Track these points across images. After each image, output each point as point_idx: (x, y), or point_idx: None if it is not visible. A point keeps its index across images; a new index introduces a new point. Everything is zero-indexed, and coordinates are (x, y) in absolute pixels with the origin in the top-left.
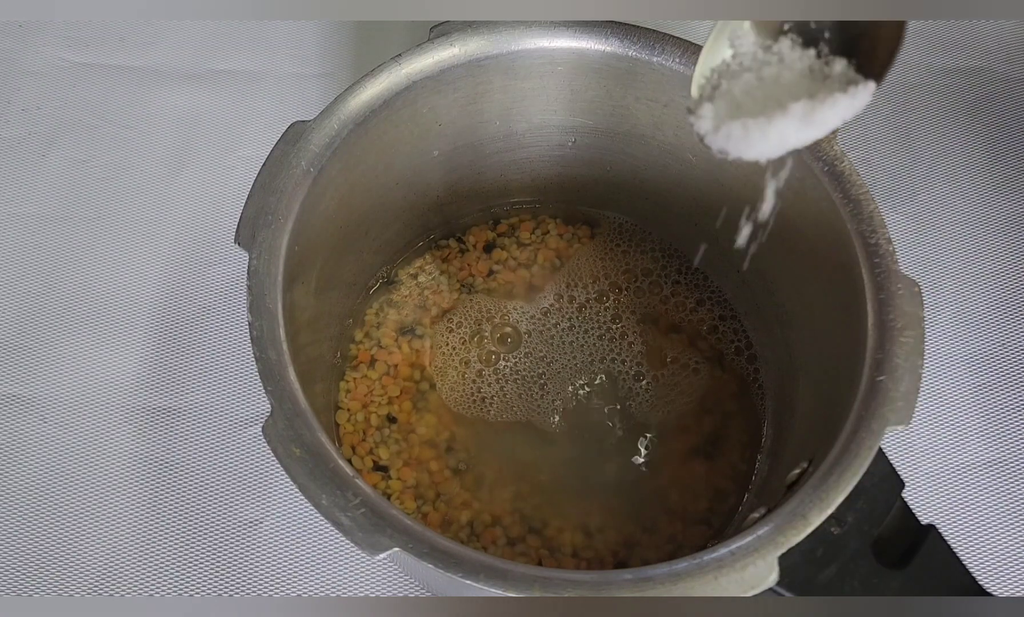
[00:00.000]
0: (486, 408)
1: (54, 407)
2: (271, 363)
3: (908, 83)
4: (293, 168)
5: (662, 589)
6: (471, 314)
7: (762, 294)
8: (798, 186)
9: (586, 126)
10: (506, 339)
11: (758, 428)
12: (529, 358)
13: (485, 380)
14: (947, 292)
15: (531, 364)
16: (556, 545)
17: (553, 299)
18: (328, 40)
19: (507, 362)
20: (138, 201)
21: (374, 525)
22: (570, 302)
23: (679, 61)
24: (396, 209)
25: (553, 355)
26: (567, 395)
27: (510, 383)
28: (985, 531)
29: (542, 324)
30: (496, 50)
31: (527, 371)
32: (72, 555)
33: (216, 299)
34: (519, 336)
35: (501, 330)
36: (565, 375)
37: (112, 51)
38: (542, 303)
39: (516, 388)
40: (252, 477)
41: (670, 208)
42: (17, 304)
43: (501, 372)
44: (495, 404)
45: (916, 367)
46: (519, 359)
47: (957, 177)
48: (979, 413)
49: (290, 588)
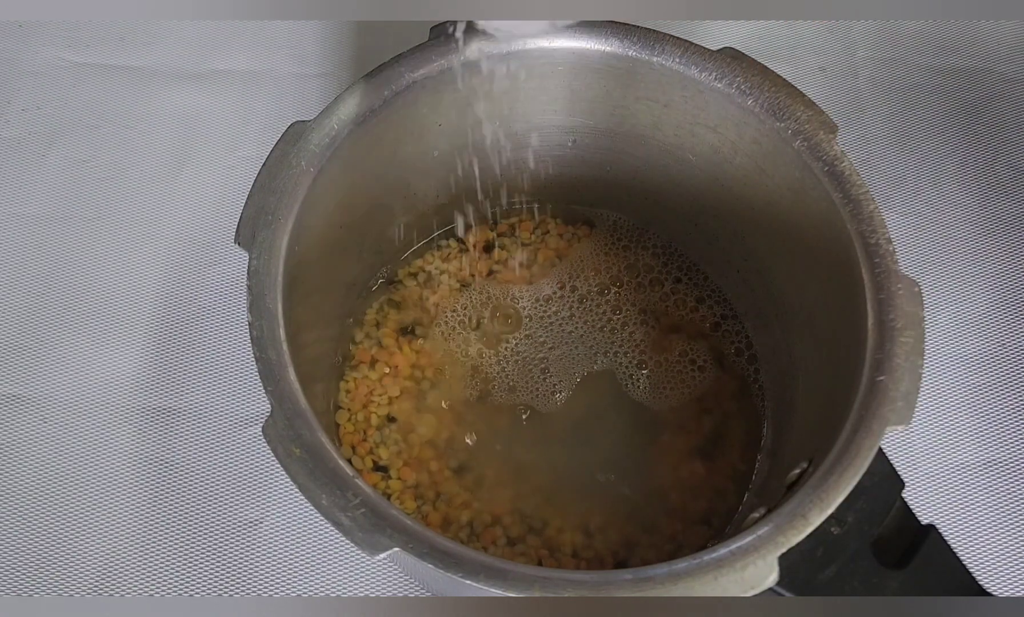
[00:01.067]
0: (488, 391)
1: (54, 407)
2: (271, 363)
3: (908, 83)
4: (293, 168)
5: (662, 589)
6: (473, 301)
7: (762, 294)
8: (798, 186)
9: (586, 126)
10: (507, 320)
11: (758, 428)
12: (530, 341)
13: (486, 360)
14: (947, 292)
15: (532, 348)
16: (556, 545)
17: (555, 288)
18: (328, 40)
19: (508, 344)
20: (138, 201)
21: (374, 525)
22: (572, 291)
23: (679, 61)
24: (396, 209)
25: (554, 341)
26: (569, 381)
27: (511, 364)
28: (985, 531)
29: (544, 310)
30: (496, 50)
31: (528, 354)
32: (72, 555)
33: (216, 299)
34: (520, 318)
35: (503, 311)
36: (566, 361)
37: (112, 51)
38: (544, 290)
39: (517, 369)
40: (252, 477)
41: (670, 208)
42: (17, 304)
43: (502, 354)
44: (496, 385)
45: (916, 367)
46: (519, 341)
47: (957, 177)
48: (979, 413)
49: (290, 588)
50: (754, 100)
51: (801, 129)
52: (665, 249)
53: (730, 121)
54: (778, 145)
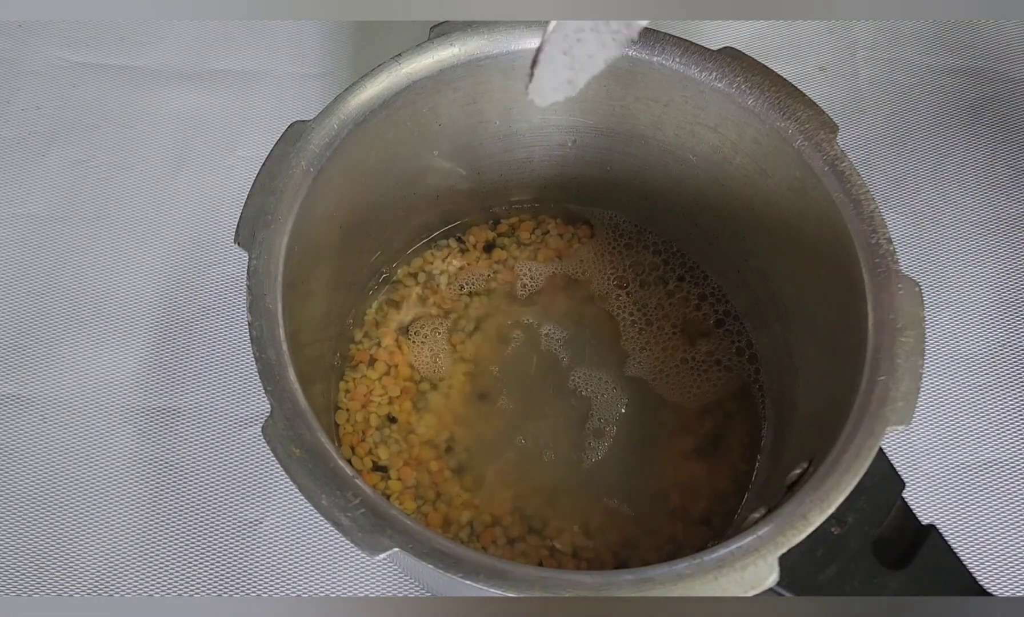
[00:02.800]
0: (487, 391)
1: (54, 407)
2: (271, 363)
3: (908, 83)
4: (293, 168)
5: (662, 589)
6: (473, 301)
7: (762, 294)
8: (798, 186)
9: (586, 126)
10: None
11: (758, 428)
12: (529, 342)
13: (485, 360)
14: (947, 292)
15: (531, 348)
16: (556, 545)
17: (554, 292)
18: (328, 40)
19: (508, 344)
20: (138, 201)
21: (374, 525)
22: (570, 296)
23: (679, 61)
24: (396, 209)
25: (554, 347)
26: (568, 386)
27: (511, 364)
28: (985, 531)
29: (543, 315)
30: (496, 50)
31: (527, 354)
32: (72, 555)
33: (216, 299)
34: (520, 327)
35: (502, 311)
36: (566, 366)
37: (112, 51)
38: (543, 297)
39: (516, 369)
40: (252, 477)
41: (670, 208)
42: (17, 304)
43: (502, 354)
44: (496, 385)
45: (916, 367)
46: (519, 341)
47: (957, 177)
48: (979, 413)
49: (290, 588)
50: (754, 100)
51: (801, 129)
52: (665, 249)
53: (730, 121)
54: (778, 145)
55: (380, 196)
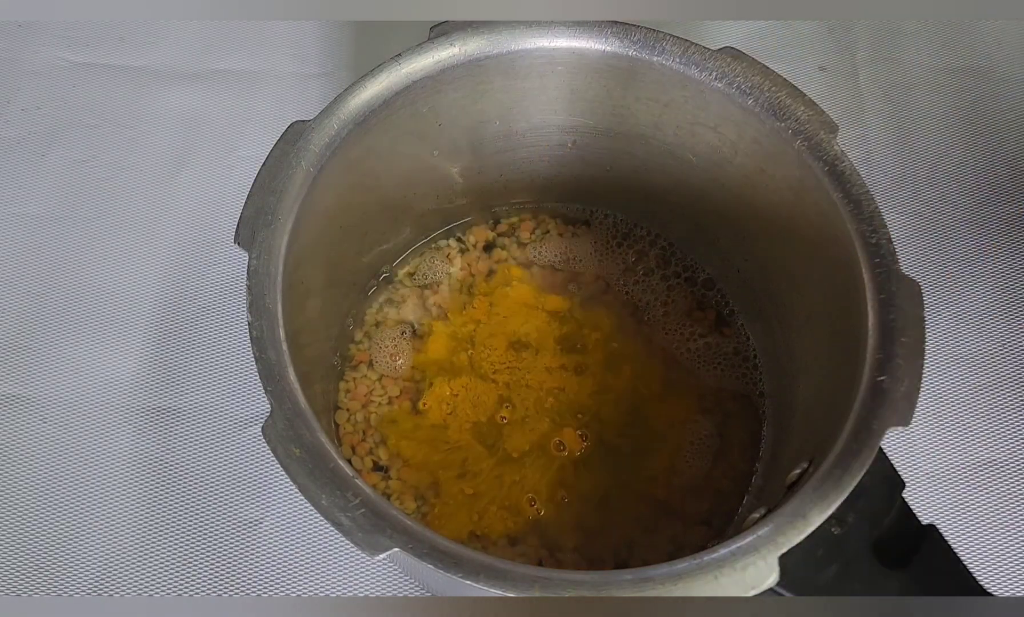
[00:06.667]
0: (487, 390)
1: (54, 407)
2: (271, 363)
3: (908, 83)
4: (293, 168)
5: (662, 589)
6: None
7: (762, 294)
8: (798, 186)
9: (586, 126)
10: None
11: (758, 428)
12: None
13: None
14: (947, 292)
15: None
16: (556, 545)
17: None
18: (328, 40)
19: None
20: (138, 201)
21: (374, 525)
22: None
23: (679, 61)
24: (396, 209)
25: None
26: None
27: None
28: (985, 531)
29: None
30: (496, 50)
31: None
32: (72, 555)
33: (216, 299)
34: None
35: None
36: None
37: (112, 51)
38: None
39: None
40: (252, 477)
41: (670, 208)
42: (17, 304)
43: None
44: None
45: (916, 367)
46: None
47: (957, 177)
48: (979, 413)
49: (290, 588)
50: (754, 100)
51: (801, 129)
52: (665, 249)
53: (730, 121)
54: (778, 145)
55: (380, 196)
